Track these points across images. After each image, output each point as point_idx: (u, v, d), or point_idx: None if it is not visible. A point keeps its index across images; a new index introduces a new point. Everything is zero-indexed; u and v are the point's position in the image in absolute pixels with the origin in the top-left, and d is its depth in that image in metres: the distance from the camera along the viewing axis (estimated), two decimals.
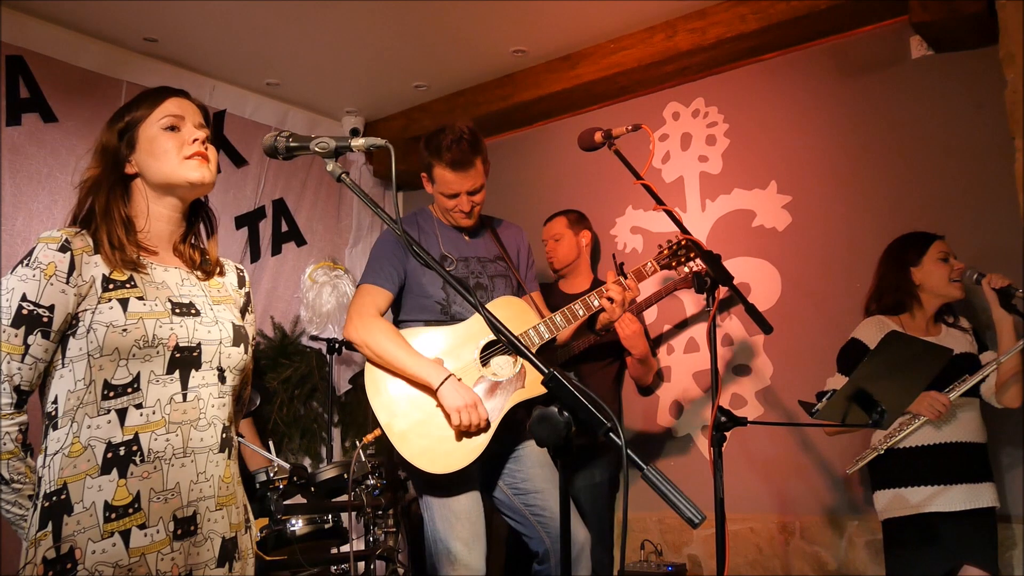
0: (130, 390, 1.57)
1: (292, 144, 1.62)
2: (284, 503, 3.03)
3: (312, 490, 3.24)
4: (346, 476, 3.19)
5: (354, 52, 4.00)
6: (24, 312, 1.55)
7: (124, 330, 1.56)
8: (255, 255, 4.40)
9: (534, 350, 2.71)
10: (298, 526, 3.06)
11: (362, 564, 3.28)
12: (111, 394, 1.56)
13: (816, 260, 3.64)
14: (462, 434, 2.59)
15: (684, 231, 2.53)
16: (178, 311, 1.64)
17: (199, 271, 1.77)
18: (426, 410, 2.62)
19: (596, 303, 2.78)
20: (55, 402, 1.58)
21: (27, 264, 1.58)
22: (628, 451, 1.24)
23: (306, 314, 4.39)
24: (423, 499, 2.73)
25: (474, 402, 2.56)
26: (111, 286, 1.60)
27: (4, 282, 1.58)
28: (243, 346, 1.73)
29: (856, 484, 3.41)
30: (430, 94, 4.51)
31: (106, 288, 1.60)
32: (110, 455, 1.54)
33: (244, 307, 1.85)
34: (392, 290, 2.75)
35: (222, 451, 1.67)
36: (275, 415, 4.20)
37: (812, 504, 3.53)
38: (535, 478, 2.75)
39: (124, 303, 1.58)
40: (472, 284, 2.81)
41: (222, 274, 1.83)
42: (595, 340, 3.50)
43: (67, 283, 1.58)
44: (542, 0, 3.58)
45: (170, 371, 1.60)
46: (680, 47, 3.76)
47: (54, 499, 1.52)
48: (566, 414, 1.29)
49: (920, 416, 2.76)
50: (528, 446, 2.79)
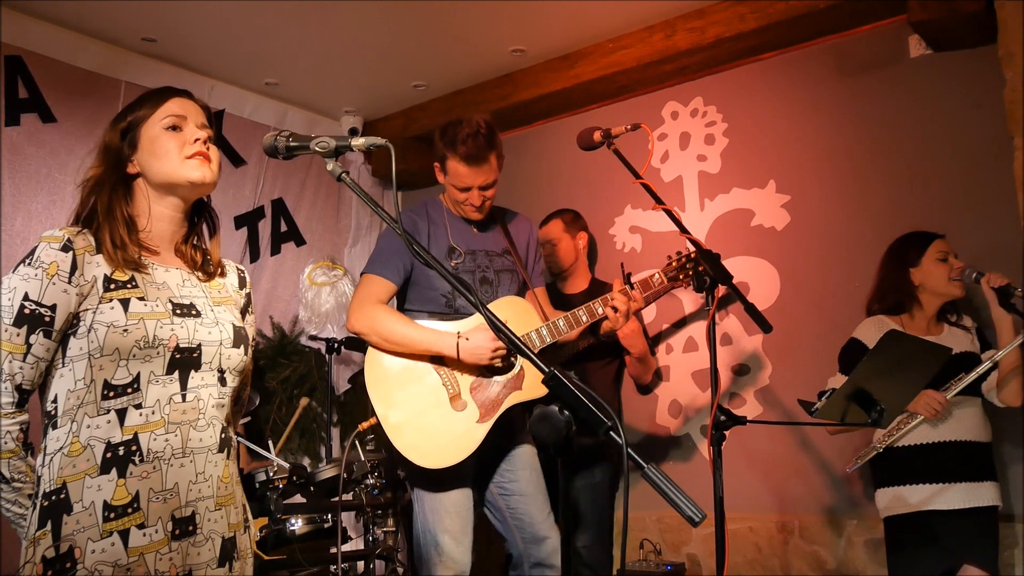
0: (130, 390, 1.57)
1: (292, 144, 1.61)
2: (283, 502, 3.03)
3: (311, 490, 3.24)
4: (345, 475, 3.19)
5: (353, 52, 4.00)
6: (26, 311, 1.55)
7: (125, 330, 1.56)
8: (254, 255, 4.40)
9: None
10: (297, 525, 3.06)
11: (361, 563, 3.28)
12: (111, 394, 1.56)
13: (815, 259, 3.64)
14: (494, 368, 2.68)
15: (683, 230, 2.53)
16: (179, 312, 1.64)
17: (200, 272, 1.77)
18: (423, 404, 2.63)
19: (600, 311, 2.78)
20: (55, 401, 1.58)
21: (29, 263, 1.58)
22: (629, 450, 1.24)
23: (305, 314, 4.39)
24: (415, 491, 2.75)
25: (491, 347, 2.60)
26: (112, 286, 1.60)
27: (6, 281, 1.58)
28: (243, 347, 1.73)
29: (855, 483, 3.41)
30: (429, 93, 4.51)
31: (107, 288, 1.60)
32: (109, 455, 1.54)
33: (244, 308, 1.85)
34: (396, 282, 2.74)
35: (221, 451, 1.67)
36: (274, 415, 4.20)
37: (811, 503, 3.53)
38: (522, 480, 2.77)
39: (125, 303, 1.58)
40: (478, 278, 2.82)
41: (223, 275, 1.83)
42: (594, 339, 3.51)
43: (69, 283, 1.58)
44: (541, 0, 3.58)
45: (170, 371, 1.60)
46: (679, 46, 3.76)
47: (53, 498, 1.52)
48: (567, 413, 1.29)
49: (918, 415, 2.76)
50: (521, 448, 2.81)
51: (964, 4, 3.11)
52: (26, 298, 1.55)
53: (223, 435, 1.68)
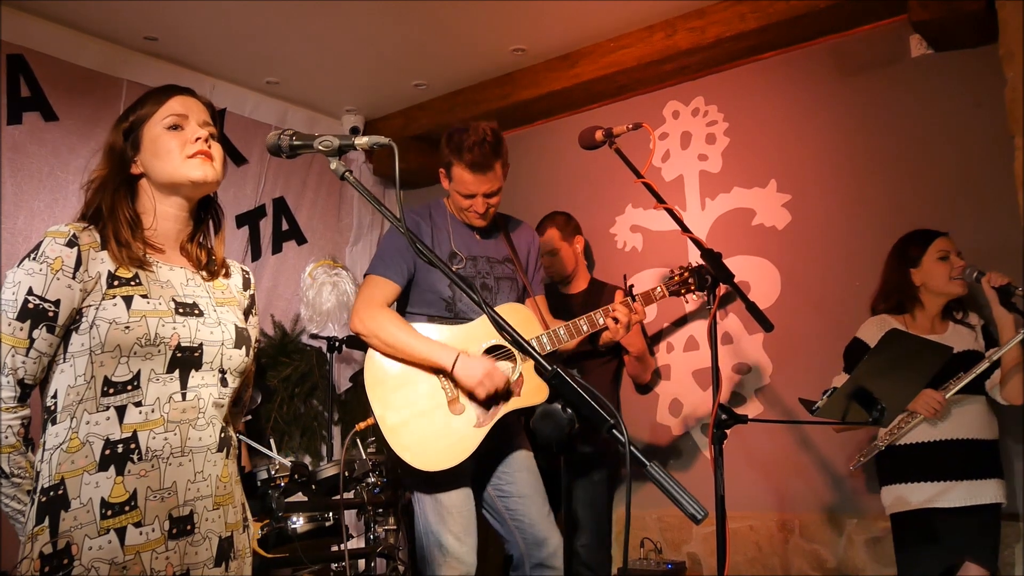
0: (130, 388, 1.57)
1: (296, 143, 1.62)
2: (285, 501, 3.04)
3: (313, 488, 3.25)
4: (346, 473, 3.20)
5: (354, 51, 4.00)
6: (30, 306, 1.55)
7: (127, 327, 1.56)
8: (256, 253, 4.40)
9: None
10: (299, 524, 3.07)
11: (362, 562, 3.29)
12: (111, 391, 1.56)
13: (816, 258, 3.64)
14: (488, 399, 2.63)
15: (685, 229, 2.53)
16: (181, 311, 1.64)
17: (204, 271, 1.77)
18: (421, 407, 2.63)
19: (601, 321, 2.78)
20: (55, 397, 1.58)
21: (34, 258, 1.58)
22: (631, 447, 1.25)
23: (306, 312, 4.39)
24: (415, 493, 2.74)
25: (489, 371, 2.58)
26: (116, 283, 1.60)
27: (10, 275, 1.58)
28: (245, 348, 1.73)
29: (856, 482, 3.42)
30: (429, 93, 4.51)
31: (111, 285, 1.60)
32: (108, 452, 1.54)
33: (248, 309, 1.85)
34: (400, 283, 2.74)
35: (220, 451, 1.67)
36: (275, 413, 4.21)
37: (811, 502, 3.53)
38: (520, 482, 2.77)
39: (128, 300, 1.58)
40: (478, 284, 2.82)
41: (227, 275, 1.83)
42: (592, 348, 3.50)
43: (73, 278, 1.57)
44: (541, 0, 3.58)
45: (170, 370, 1.60)
46: (680, 46, 3.76)
47: (51, 494, 1.52)
48: (569, 411, 1.29)
49: (918, 414, 2.77)
50: (518, 451, 2.81)
51: (965, 4, 3.11)
52: (30, 292, 1.55)
53: (222, 434, 1.68)
